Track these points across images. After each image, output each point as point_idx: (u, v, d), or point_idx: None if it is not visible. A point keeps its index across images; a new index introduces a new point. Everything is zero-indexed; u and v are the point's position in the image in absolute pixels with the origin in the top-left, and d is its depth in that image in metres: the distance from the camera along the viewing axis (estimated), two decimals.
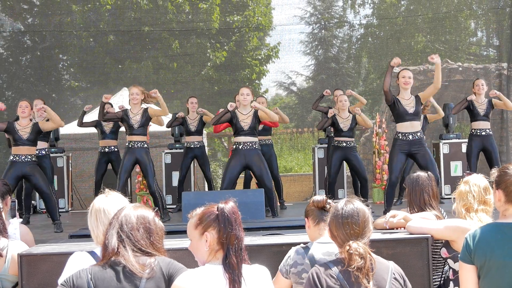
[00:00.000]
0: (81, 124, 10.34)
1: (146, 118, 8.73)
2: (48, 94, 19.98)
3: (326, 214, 3.50)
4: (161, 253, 2.81)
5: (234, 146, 8.54)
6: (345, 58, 25.25)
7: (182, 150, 11.25)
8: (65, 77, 22.11)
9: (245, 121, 8.39)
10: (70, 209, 11.88)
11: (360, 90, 24.85)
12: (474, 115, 9.54)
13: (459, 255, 3.20)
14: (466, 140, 11.28)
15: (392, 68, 7.88)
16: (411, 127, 8.02)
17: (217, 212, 2.81)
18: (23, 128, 8.31)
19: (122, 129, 9.80)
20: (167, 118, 10.82)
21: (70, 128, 14.48)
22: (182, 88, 20.48)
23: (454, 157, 11.03)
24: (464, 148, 11.17)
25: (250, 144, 8.40)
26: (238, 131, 8.41)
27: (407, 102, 8.03)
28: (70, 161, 12.02)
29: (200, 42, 20.13)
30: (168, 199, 11.41)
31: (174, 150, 11.64)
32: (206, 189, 13.97)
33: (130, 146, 8.70)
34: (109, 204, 3.13)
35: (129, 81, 18.47)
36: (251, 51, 21.96)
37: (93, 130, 10.80)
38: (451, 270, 3.97)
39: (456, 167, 11.04)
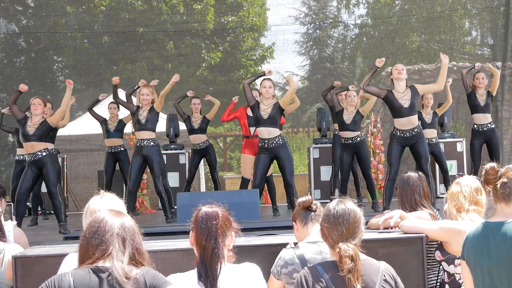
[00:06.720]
0: (89, 109, 10.51)
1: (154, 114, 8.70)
2: (43, 96, 19.84)
3: (312, 213, 3.53)
4: (146, 263, 2.64)
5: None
6: (340, 58, 25.28)
7: (177, 151, 11.23)
8: (60, 78, 22.07)
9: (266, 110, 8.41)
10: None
11: (355, 89, 24.87)
12: (474, 107, 9.48)
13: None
14: (461, 139, 11.34)
15: (377, 68, 7.96)
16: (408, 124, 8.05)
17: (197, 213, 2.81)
18: (33, 125, 8.16)
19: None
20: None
21: (65, 130, 14.41)
22: (177, 89, 20.36)
23: (449, 156, 10.98)
24: (459, 147, 11.18)
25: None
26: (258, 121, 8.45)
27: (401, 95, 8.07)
28: (65, 162, 11.99)
29: (195, 42, 20.11)
30: None
31: (169, 151, 11.61)
32: (203, 189, 13.96)
33: (138, 144, 8.70)
34: (104, 205, 3.12)
35: (124, 82, 18.42)
36: (246, 52, 21.95)
37: (88, 131, 10.70)
38: (445, 273, 3.97)
39: (451, 166, 11.00)
